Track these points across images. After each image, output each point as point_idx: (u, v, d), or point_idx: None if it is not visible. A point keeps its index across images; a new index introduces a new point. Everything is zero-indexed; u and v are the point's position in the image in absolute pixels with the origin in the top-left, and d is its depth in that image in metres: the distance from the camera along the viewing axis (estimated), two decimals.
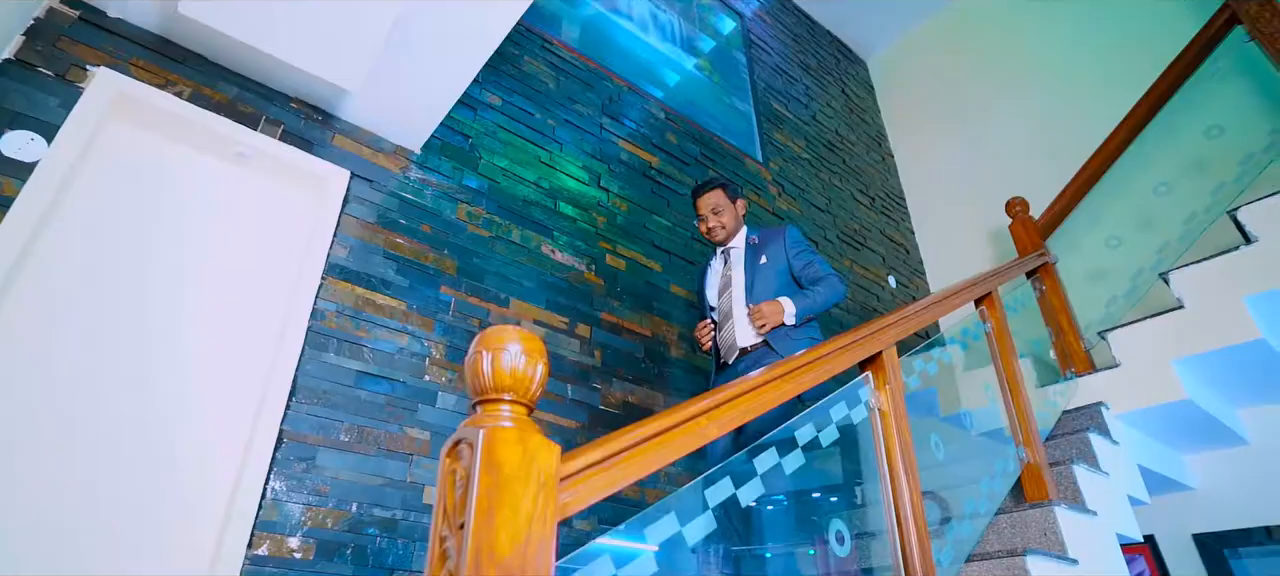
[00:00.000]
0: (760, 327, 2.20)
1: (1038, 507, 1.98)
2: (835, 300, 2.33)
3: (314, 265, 2.02)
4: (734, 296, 2.38)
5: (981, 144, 4.62)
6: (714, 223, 2.44)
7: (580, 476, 0.87)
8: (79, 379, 1.64)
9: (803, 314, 2.26)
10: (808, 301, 2.28)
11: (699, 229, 2.51)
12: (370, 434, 1.95)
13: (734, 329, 2.34)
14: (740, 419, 1.09)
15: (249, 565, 1.62)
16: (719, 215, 2.44)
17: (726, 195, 2.48)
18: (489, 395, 0.83)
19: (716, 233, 2.45)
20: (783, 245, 2.40)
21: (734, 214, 2.47)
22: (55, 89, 1.77)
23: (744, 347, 2.30)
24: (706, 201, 2.46)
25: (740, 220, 2.51)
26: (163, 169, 1.96)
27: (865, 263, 4.29)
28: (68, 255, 1.72)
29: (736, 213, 2.49)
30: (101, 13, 1.91)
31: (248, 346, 1.90)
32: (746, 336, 2.30)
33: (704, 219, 2.47)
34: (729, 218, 2.45)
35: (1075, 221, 3.17)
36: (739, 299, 2.36)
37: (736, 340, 2.32)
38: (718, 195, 2.46)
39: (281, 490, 1.74)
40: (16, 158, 1.65)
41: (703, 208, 2.47)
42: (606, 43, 3.53)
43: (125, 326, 1.74)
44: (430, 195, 2.42)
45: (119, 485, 1.60)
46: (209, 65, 2.06)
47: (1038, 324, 2.98)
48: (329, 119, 2.26)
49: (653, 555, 0.95)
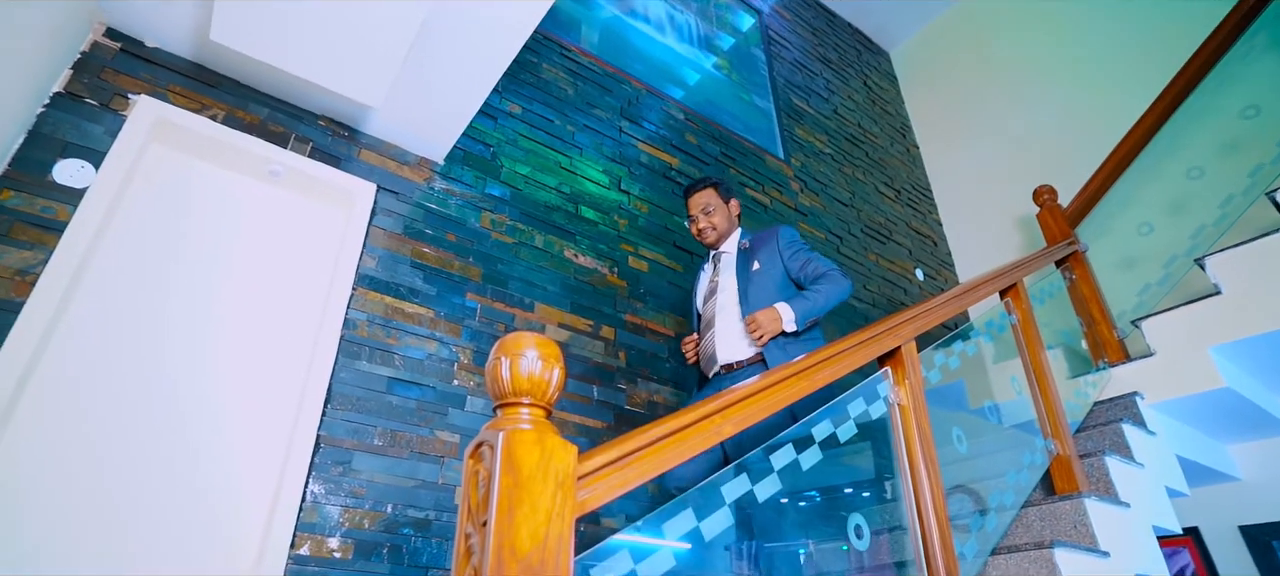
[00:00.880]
0: (758, 339, 1.99)
1: (1068, 499, 1.96)
2: (840, 298, 2.10)
3: (345, 276, 2.09)
4: (719, 303, 2.21)
5: (1009, 132, 4.54)
6: (705, 224, 2.31)
7: (598, 475, 0.91)
8: (131, 387, 1.73)
9: (804, 317, 2.03)
10: (808, 303, 2.05)
11: (690, 230, 2.39)
12: (402, 437, 2.02)
13: (715, 340, 2.16)
14: (754, 417, 1.11)
15: (292, 564, 1.69)
16: (710, 216, 2.30)
17: (719, 194, 2.34)
18: (508, 399, 0.87)
19: (707, 234, 2.31)
20: (776, 248, 2.21)
21: (727, 215, 2.34)
22: (101, 118, 1.87)
23: (729, 363, 2.11)
24: (697, 201, 2.34)
25: (734, 221, 2.37)
26: (201, 189, 2.05)
27: (892, 256, 4.25)
28: (118, 272, 1.82)
29: (729, 213, 2.35)
30: (140, 43, 2.01)
31: (284, 355, 1.98)
32: (729, 350, 2.12)
33: (695, 220, 2.34)
34: (721, 219, 2.31)
35: (1105, 208, 3.11)
36: (724, 307, 2.19)
37: (716, 353, 2.14)
38: (709, 194, 2.33)
39: (320, 492, 1.82)
40: (69, 184, 1.75)
41: (693, 207, 2.34)
42: (624, 46, 3.57)
43: (171, 338, 1.84)
44: (454, 204, 2.48)
45: (169, 488, 1.69)
46: (241, 88, 2.15)
47: (1068, 313, 2.93)
48: (355, 134, 2.33)
49: (670, 551, 0.98)
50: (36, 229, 1.68)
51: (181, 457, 1.74)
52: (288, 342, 2.00)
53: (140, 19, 1.95)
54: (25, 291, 1.60)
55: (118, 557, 1.58)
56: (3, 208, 1.65)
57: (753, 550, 2.38)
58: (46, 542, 1.51)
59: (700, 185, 2.36)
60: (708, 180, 2.37)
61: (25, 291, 1.60)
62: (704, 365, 2.21)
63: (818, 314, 2.06)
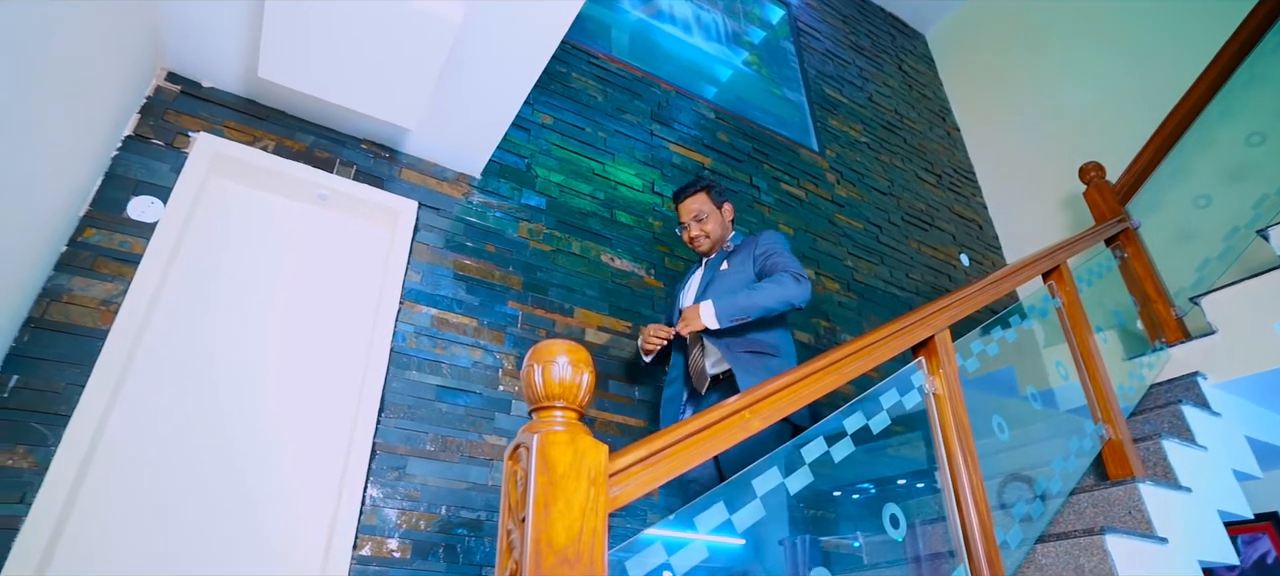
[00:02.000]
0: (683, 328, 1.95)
1: (1121, 485, 1.91)
2: (782, 303, 1.90)
3: (392, 291, 2.20)
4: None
5: (1053, 108, 4.39)
6: (697, 231, 2.18)
7: (629, 471, 0.95)
8: (203, 403, 1.87)
9: (729, 314, 1.89)
10: (739, 302, 1.89)
11: (682, 238, 2.25)
12: (453, 442, 2.11)
13: (703, 355, 2.07)
14: (782, 412, 1.14)
15: (356, 565, 1.80)
16: (702, 222, 2.17)
17: (711, 199, 2.21)
18: (542, 403, 0.93)
19: (700, 242, 2.18)
20: (752, 249, 2.10)
21: (720, 220, 2.20)
22: (166, 156, 2.02)
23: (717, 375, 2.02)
24: (688, 206, 2.20)
25: (727, 227, 2.23)
26: (257, 215, 2.19)
27: (934, 243, 4.17)
28: (186, 297, 1.96)
29: (722, 219, 2.22)
30: (197, 84, 2.16)
31: (339, 368, 2.10)
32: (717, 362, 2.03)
33: (686, 226, 2.20)
34: (714, 225, 2.18)
35: (1157, 182, 2.99)
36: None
37: (706, 367, 2.05)
38: (701, 199, 2.19)
39: (378, 496, 1.92)
40: (141, 219, 1.90)
41: (684, 214, 2.20)
42: (651, 50, 3.61)
43: (236, 356, 1.97)
44: (493, 216, 2.57)
45: (240, 494, 1.82)
46: (288, 119, 2.28)
47: (1121, 293, 2.83)
48: (395, 155, 2.44)
49: (703, 543, 1.02)
50: (116, 262, 1.83)
51: (250, 466, 1.86)
52: (342, 356, 2.12)
53: (197, 61, 2.09)
54: (109, 320, 1.75)
55: (197, 559, 1.71)
56: (86, 244, 1.81)
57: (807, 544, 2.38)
58: (134, 545, 1.65)
59: (690, 189, 2.22)
60: (699, 183, 2.23)
61: (109, 320, 1.75)
62: (695, 381, 2.10)
63: (748, 314, 1.90)
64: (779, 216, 3.46)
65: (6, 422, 1.55)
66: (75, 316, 1.73)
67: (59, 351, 1.67)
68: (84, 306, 1.74)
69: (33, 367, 1.63)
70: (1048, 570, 1.71)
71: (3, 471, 1.51)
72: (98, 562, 1.59)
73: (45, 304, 1.70)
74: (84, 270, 1.78)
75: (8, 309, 1.59)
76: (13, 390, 1.59)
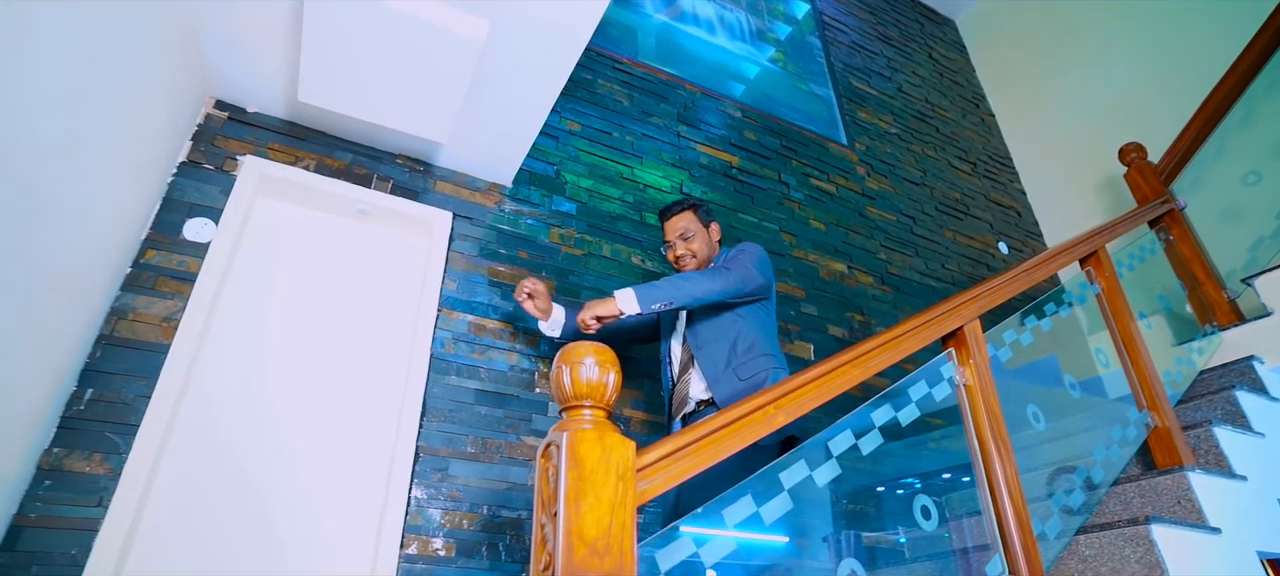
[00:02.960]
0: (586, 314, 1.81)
1: (1169, 474, 1.86)
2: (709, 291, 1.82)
3: (430, 299, 2.28)
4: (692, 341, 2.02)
5: (1090, 90, 4.26)
6: (683, 250, 2.10)
7: (655, 466, 0.99)
8: (256, 410, 1.97)
9: (648, 298, 1.80)
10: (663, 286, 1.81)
11: (666, 257, 2.19)
12: (493, 444, 2.18)
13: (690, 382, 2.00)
14: (807, 407, 1.16)
15: (403, 563, 1.88)
16: (689, 241, 2.10)
17: (698, 217, 2.15)
18: (570, 403, 0.97)
19: (685, 262, 2.10)
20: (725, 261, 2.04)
21: (707, 240, 2.14)
22: (216, 179, 2.14)
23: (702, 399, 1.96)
24: (674, 225, 2.13)
25: (715, 247, 2.16)
26: (301, 231, 2.30)
27: (970, 232, 4.09)
28: (240, 310, 2.07)
29: (710, 238, 2.15)
30: (243, 110, 2.27)
31: (382, 375, 2.19)
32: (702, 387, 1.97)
33: (671, 246, 2.13)
34: (700, 244, 2.11)
35: (1201, 161, 2.88)
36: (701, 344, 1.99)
37: (691, 391, 1.99)
38: (688, 218, 2.13)
39: (423, 498, 2.00)
40: (196, 240, 2.02)
41: (670, 232, 2.14)
42: (676, 53, 3.64)
43: (285, 364, 2.07)
44: (525, 223, 2.64)
45: (293, 496, 1.91)
46: (327, 138, 2.38)
47: (1168, 276, 2.74)
48: (429, 168, 2.53)
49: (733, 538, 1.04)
50: (175, 280, 1.94)
51: (302, 468, 1.96)
52: (384, 362, 2.21)
53: (242, 88, 2.21)
54: (170, 334, 1.87)
55: (255, 556, 1.80)
56: (148, 265, 1.93)
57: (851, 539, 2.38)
58: (200, 543, 1.76)
59: (677, 208, 2.16)
60: (685, 202, 2.18)
61: (170, 334, 1.87)
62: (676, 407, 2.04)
63: (670, 299, 1.81)
64: (809, 212, 3.45)
65: (84, 432, 1.68)
66: (140, 332, 1.84)
67: (127, 365, 1.79)
68: (147, 323, 1.86)
69: (105, 381, 1.75)
70: (1091, 562, 1.68)
71: (82, 477, 1.64)
72: (167, 560, 1.71)
73: (113, 322, 1.82)
74: (146, 289, 1.90)
75: (82, 328, 1.71)
76: (88, 403, 1.71)
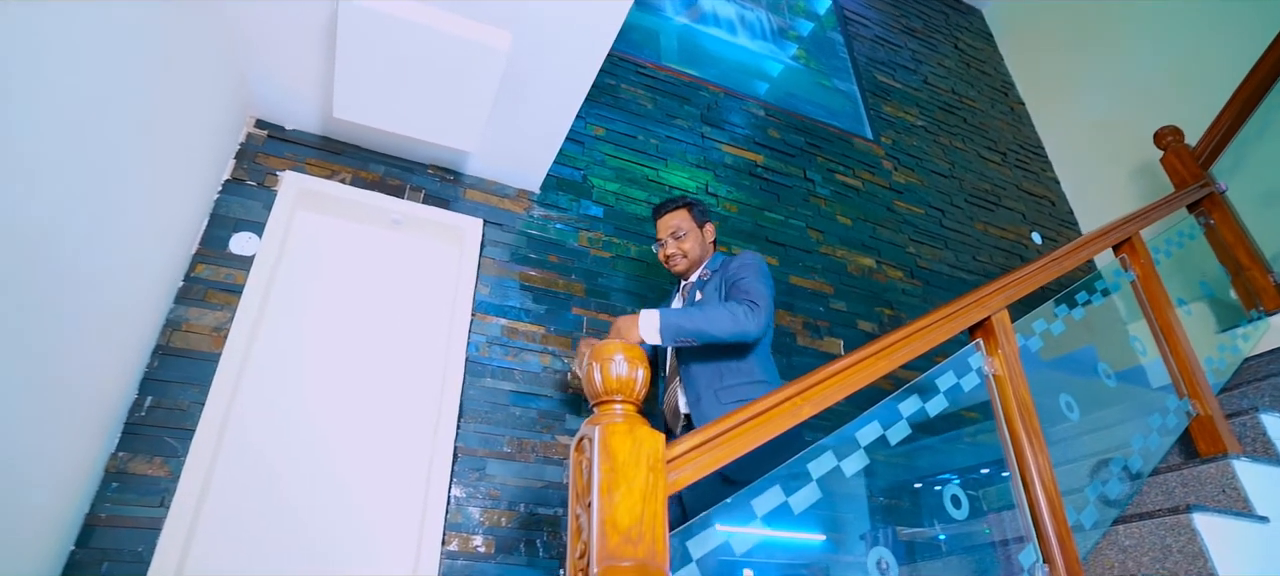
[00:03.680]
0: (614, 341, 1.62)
1: (1212, 462, 1.82)
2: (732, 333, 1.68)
3: (464, 304, 2.35)
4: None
5: (1123, 74, 4.16)
6: (674, 249, 2.03)
7: (685, 457, 1.02)
8: (301, 414, 2.06)
9: (672, 331, 1.67)
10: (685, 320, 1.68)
11: (657, 256, 2.12)
12: (528, 444, 2.23)
13: (677, 391, 1.94)
14: (832, 399, 1.18)
15: (445, 559, 1.94)
16: (681, 240, 2.02)
17: (692, 216, 2.07)
18: (602, 398, 1.01)
19: (675, 262, 2.03)
20: (724, 273, 1.92)
21: (699, 240, 2.05)
22: (258, 195, 2.24)
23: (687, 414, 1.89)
24: (666, 223, 2.06)
25: (708, 248, 2.08)
26: (338, 242, 2.39)
27: (1002, 223, 4.03)
28: (284, 319, 2.16)
29: (703, 239, 2.07)
30: (281, 128, 2.37)
31: (419, 378, 2.26)
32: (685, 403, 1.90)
33: (663, 243, 2.06)
34: (692, 244, 2.03)
35: (1242, 142, 2.80)
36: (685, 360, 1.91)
37: (680, 404, 1.92)
38: (681, 216, 2.06)
39: (462, 496, 2.06)
40: (242, 253, 2.12)
41: (662, 230, 2.07)
42: (697, 54, 3.66)
43: (328, 370, 2.15)
44: (553, 228, 2.69)
45: (339, 495, 1.99)
46: (361, 152, 2.47)
47: (1209, 261, 2.68)
48: (459, 177, 2.60)
49: (761, 523, 1.07)
50: (223, 292, 2.04)
51: (346, 468, 2.04)
52: (421, 366, 2.28)
53: (280, 107, 2.30)
54: (220, 344, 1.96)
55: (304, 553, 1.88)
56: (198, 279, 2.03)
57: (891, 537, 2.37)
58: (254, 540, 1.84)
59: (671, 205, 2.09)
60: (680, 199, 2.10)
61: (220, 344, 1.96)
62: (670, 420, 1.99)
63: (692, 335, 1.69)
64: (835, 208, 3.44)
65: (145, 437, 1.78)
66: (193, 343, 1.94)
67: (182, 373, 1.89)
68: (199, 333, 1.96)
69: (163, 389, 1.85)
70: (1131, 552, 1.66)
71: (145, 479, 1.74)
72: (225, 556, 1.80)
73: (169, 333, 1.92)
74: (197, 301, 2.00)
75: (142, 340, 1.82)
76: (148, 409, 1.81)
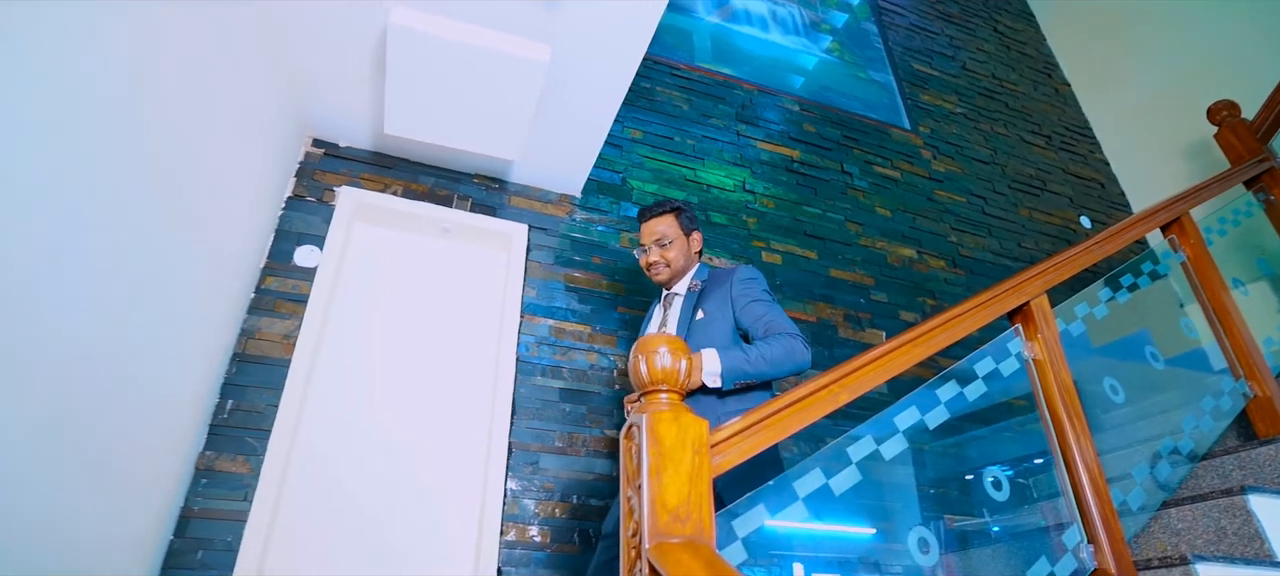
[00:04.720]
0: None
1: (1271, 443, 1.79)
2: (791, 367, 1.61)
3: (512, 306, 2.45)
4: None
5: (1174, 49, 4.02)
6: (657, 257, 1.91)
7: (728, 442, 1.08)
8: (368, 413, 2.19)
9: (733, 376, 1.57)
10: (746, 363, 1.57)
11: (640, 262, 2.00)
12: (578, 438, 2.32)
13: None
14: (868, 386, 1.22)
15: (504, 549, 2.04)
16: (665, 248, 1.91)
17: (679, 223, 1.95)
18: (648, 388, 1.08)
19: (658, 270, 1.92)
20: (728, 292, 1.79)
21: (685, 248, 1.94)
22: (318, 210, 2.38)
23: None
24: (652, 228, 1.94)
25: (693, 257, 1.97)
26: (393, 251, 2.52)
27: (1048, 208, 3.95)
28: (346, 325, 2.30)
29: (689, 248, 1.96)
30: (336, 145, 2.52)
31: (473, 379, 2.37)
32: None
33: (646, 250, 1.94)
34: (677, 252, 1.91)
35: None
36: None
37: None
38: (667, 222, 1.94)
39: (517, 489, 2.16)
40: (305, 265, 2.26)
41: (646, 236, 1.95)
42: (731, 53, 3.70)
43: (388, 372, 2.28)
44: (595, 230, 2.78)
45: (403, 488, 2.11)
46: (411, 165, 2.60)
47: (1270, 238, 2.59)
48: (504, 185, 2.71)
49: (802, 501, 1.12)
50: (290, 302, 2.19)
51: (409, 464, 2.16)
52: (474, 366, 2.39)
53: (335, 126, 2.45)
54: (290, 350, 2.11)
55: (373, 543, 2.01)
56: (268, 290, 2.18)
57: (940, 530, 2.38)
58: (327, 529, 1.97)
59: (657, 209, 1.97)
60: (666, 204, 1.98)
61: (290, 350, 2.11)
62: None
63: (756, 376, 1.59)
64: (874, 200, 3.44)
65: (229, 438, 1.93)
66: (266, 350, 2.09)
67: (257, 379, 2.04)
68: (271, 341, 2.11)
69: (241, 393, 2.00)
70: (1184, 534, 1.65)
71: (230, 476, 1.89)
72: (302, 544, 1.94)
73: (244, 341, 2.08)
74: (268, 311, 2.15)
75: (223, 348, 1.97)
76: (230, 412, 1.97)
